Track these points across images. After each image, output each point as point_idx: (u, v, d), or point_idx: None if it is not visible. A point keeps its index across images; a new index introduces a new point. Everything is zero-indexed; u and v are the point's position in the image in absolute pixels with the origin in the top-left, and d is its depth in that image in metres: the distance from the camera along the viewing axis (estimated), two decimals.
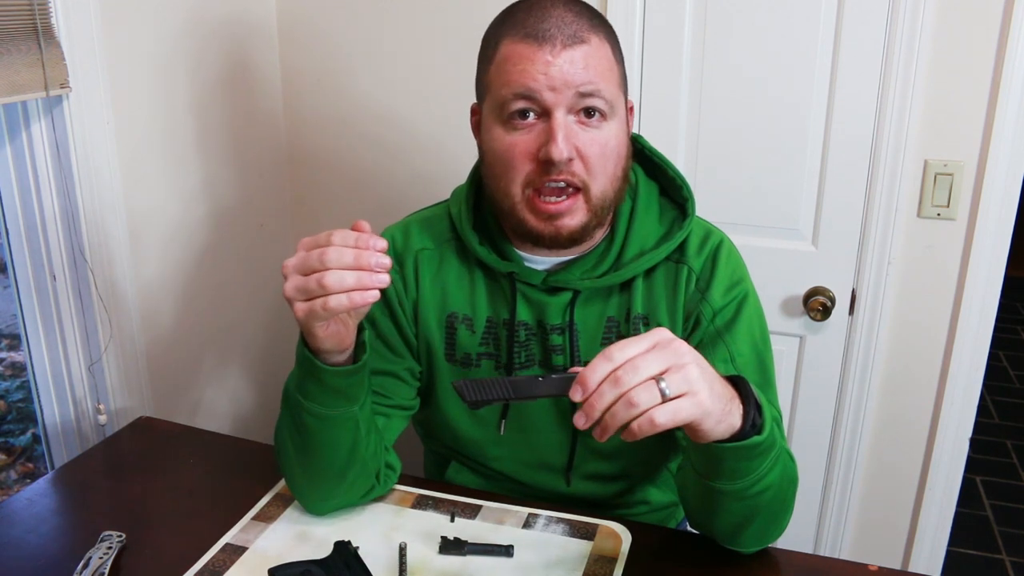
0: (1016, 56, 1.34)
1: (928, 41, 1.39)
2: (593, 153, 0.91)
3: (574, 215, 0.93)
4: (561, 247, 0.98)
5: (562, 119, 0.89)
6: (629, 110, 1.00)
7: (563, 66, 0.88)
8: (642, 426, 0.68)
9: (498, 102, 0.92)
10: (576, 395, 0.69)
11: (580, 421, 0.69)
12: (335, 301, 0.78)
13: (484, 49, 0.97)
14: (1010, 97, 1.36)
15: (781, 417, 1.01)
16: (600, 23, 0.94)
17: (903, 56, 1.40)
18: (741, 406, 0.77)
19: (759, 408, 0.78)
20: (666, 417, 0.68)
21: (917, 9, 1.38)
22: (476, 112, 1.01)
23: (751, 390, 0.79)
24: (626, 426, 0.69)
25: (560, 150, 0.88)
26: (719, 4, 1.50)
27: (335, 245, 0.79)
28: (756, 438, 0.77)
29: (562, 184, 0.92)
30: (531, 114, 0.91)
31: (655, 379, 0.68)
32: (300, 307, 0.80)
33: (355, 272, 0.78)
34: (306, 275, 0.79)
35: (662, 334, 0.72)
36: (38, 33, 1.24)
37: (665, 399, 0.67)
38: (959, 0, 1.36)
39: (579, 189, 0.92)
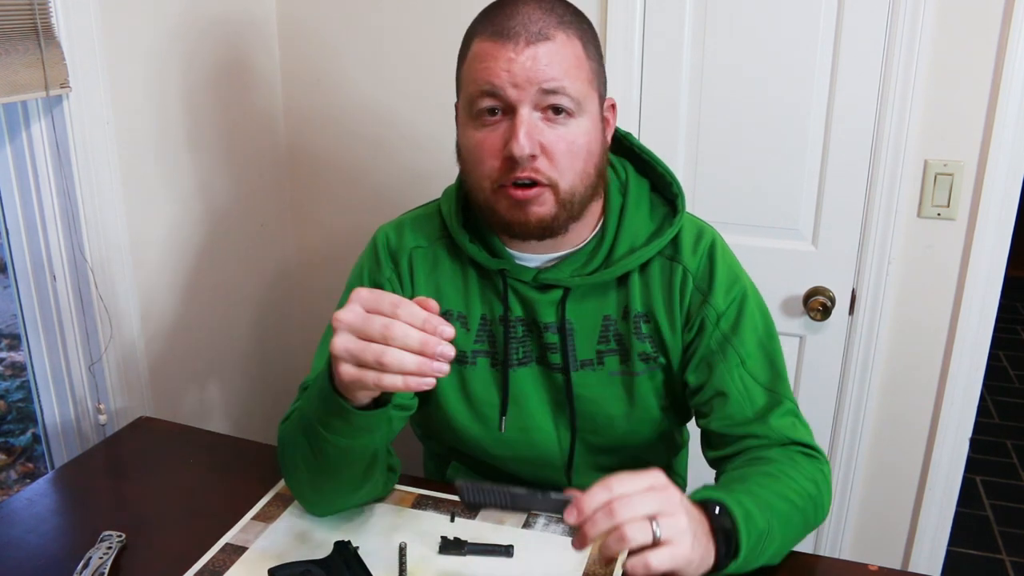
0: (1016, 56, 1.34)
1: (928, 41, 1.39)
2: (559, 150, 0.91)
3: (543, 204, 0.93)
4: (534, 237, 0.97)
5: (526, 116, 0.90)
6: (610, 107, 1.00)
7: (525, 63, 0.89)
8: (635, 568, 0.69)
9: (467, 99, 0.93)
10: (571, 518, 0.70)
11: (577, 545, 0.71)
12: (389, 380, 0.73)
13: (461, 48, 0.98)
14: (1010, 97, 1.36)
15: (796, 407, 1.01)
16: (571, 20, 0.93)
17: (903, 56, 1.40)
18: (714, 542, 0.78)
19: (735, 530, 0.79)
20: (657, 561, 0.69)
21: (917, 9, 1.38)
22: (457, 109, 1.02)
23: (721, 520, 0.79)
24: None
25: (521, 147, 0.89)
26: (719, 4, 1.50)
27: (401, 320, 0.73)
28: (733, 564, 0.79)
29: (527, 182, 0.92)
30: (498, 111, 0.91)
31: (649, 519, 0.70)
32: (348, 371, 0.75)
33: (416, 357, 0.73)
34: (363, 340, 0.74)
35: (658, 478, 0.73)
36: (38, 33, 1.24)
37: (655, 540, 0.69)
38: (959, 0, 1.36)
39: (547, 185, 0.92)
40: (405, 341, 0.73)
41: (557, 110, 0.91)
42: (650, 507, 0.70)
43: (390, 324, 0.73)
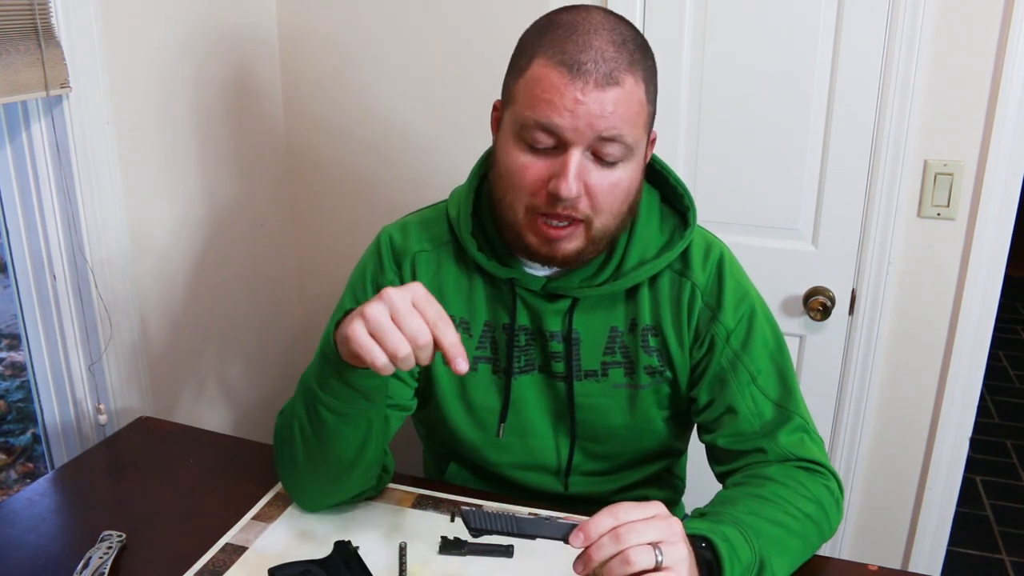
0: (1016, 56, 1.34)
1: (928, 41, 1.39)
2: (602, 191, 0.90)
3: (572, 240, 0.93)
4: (556, 266, 0.98)
5: (577, 157, 0.88)
6: (651, 141, 0.98)
7: (591, 107, 0.85)
8: None
9: (518, 120, 0.90)
10: (576, 542, 0.72)
11: (579, 568, 0.73)
12: (381, 366, 0.78)
13: (517, 55, 0.93)
14: (1010, 97, 1.36)
15: (808, 422, 1.00)
16: (640, 58, 0.90)
17: (903, 56, 1.40)
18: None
19: (719, 567, 0.78)
20: None
21: (917, 9, 1.38)
22: (498, 108, 0.99)
23: (704, 553, 0.79)
24: None
25: (569, 188, 0.87)
26: (719, 4, 1.50)
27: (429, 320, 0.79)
28: None
29: (565, 223, 0.91)
30: (548, 140, 0.89)
31: (652, 545, 0.71)
32: (362, 340, 0.78)
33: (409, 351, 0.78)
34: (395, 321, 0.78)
35: (660, 508, 0.74)
36: (38, 33, 1.24)
37: (657, 566, 0.71)
38: (959, 0, 1.36)
39: (581, 221, 0.92)
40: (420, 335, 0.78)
41: (608, 154, 0.89)
42: (654, 535, 0.72)
43: (419, 318, 0.78)
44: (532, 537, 0.74)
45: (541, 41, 0.89)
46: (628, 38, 0.89)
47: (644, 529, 0.72)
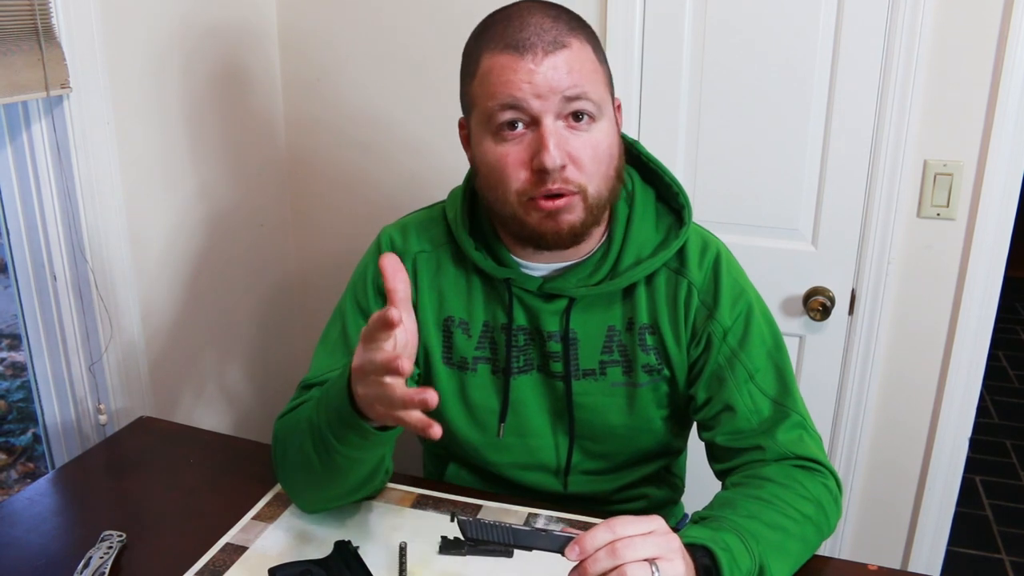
0: (1016, 56, 1.34)
1: (928, 41, 1.39)
2: (586, 156, 0.91)
3: (572, 211, 0.93)
4: (563, 246, 0.97)
5: (551, 126, 0.89)
6: (617, 108, 0.99)
7: (547, 72, 0.88)
8: None
9: (485, 115, 0.92)
10: (572, 555, 0.71)
11: None
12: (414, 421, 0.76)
13: (465, 64, 0.96)
14: (1010, 97, 1.36)
15: (806, 419, 1.00)
16: (578, 25, 0.93)
17: (903, 56, 1.40)
18: None
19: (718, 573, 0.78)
20: None
21: (916, 9, 1.38)
22: (464, 126, 1.01)
23: (702, 560, 0.79)
24: None
25: (552, 157, 0.88)
26: (719, 4, 1.50)
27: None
28: None
29: (557, 193, 0.91)
30: (519, 124, 0.90)
31: (649, 561, 0.71)
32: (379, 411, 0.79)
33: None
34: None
35: (659, 523, 0.74)
36: (39, 33, 1.24)
37: None
38: (959, 1, 1.36)
39: (575, 192, 0.92)
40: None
41: (578, 116, 0.90)
42: (651, 551, 0.72)
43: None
44: (528, 548, 0.74)
45: (481, 40, 0.93)
46: (561, 12, 0.93)
47: (642, 544, 0.71)
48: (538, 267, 1.02)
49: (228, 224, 1.74)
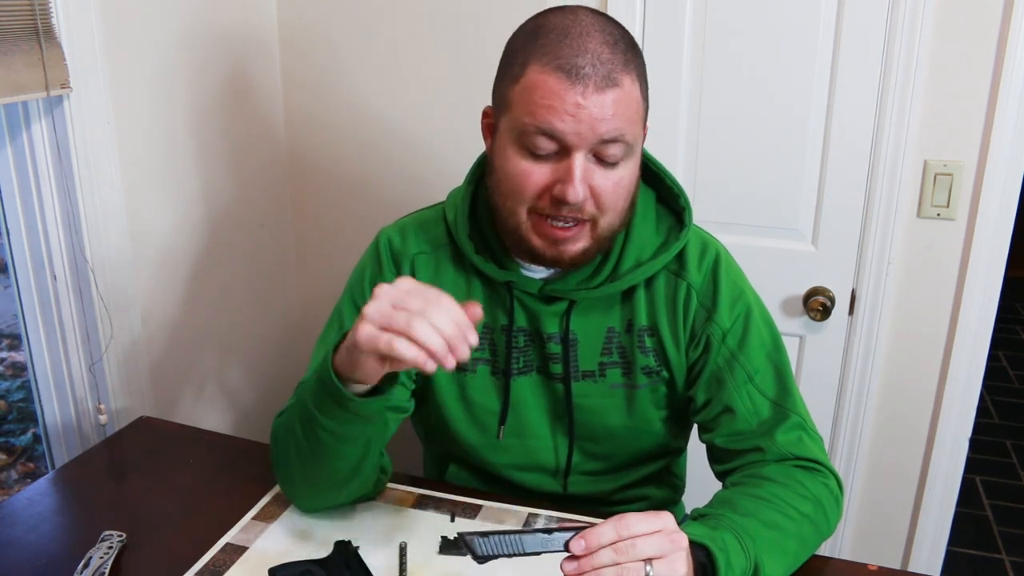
0: (1016, 56, 1.34)
1: (928, 41, 1.39)
2: (606, 192, 0.90)
3: (578, 241, 0.93)
4: (563, 268, 0.98)
5: (581, 161, 0.88)
6: (644, 134, 0.98)
7: (593, 110, 0.85)
8: None
9: (518, 126, 0.89)
10: (577, 548, 0.72)
11: (569, 569, 0.73)
12: (402, 347, 0.76)
13: (508, 62, 0.92)
14: (1010, 97, 1.36)
15: (806, 420, 1.00)
16: (633, 56, 0.89)
17: (903, 56, 1.40)
18: None
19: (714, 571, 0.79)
20: None
21: (916, 9, 1.38)
22: (489, 116, 0.98)
23: (699, 556, 0.79)
24: None
25: (576, 193, 0.87)
26: (719, 4, 1.50)
27: (444, 307, 0.77)
28: None
29: (570, 223, 0.91)
30: (550, 147, 0.89)
31: (646, 561, 0.72)
32: (367, 331, 0.77)
33: (440, 339, 0.76)
34: (399, 309, 0.77)
35: (668, 521, 0.74)
36: (39, 33, 1.24)
37: None
38: (959, 1, 1.36)
39: (586, 221, 0.92)
40: (439, 323, 0.76)
41: (609, 154, 0.89)
42: (654, 550, 0.72)
43: (431, 308, 0.77)
44: (537, 554, 0.75)
45: (533, 46, 0.88)
46: (619, 37, 0.89)
47: (644, 545, 0.72)
48: (538, 269, 1.02)
49: (228, 224, 1.74)
